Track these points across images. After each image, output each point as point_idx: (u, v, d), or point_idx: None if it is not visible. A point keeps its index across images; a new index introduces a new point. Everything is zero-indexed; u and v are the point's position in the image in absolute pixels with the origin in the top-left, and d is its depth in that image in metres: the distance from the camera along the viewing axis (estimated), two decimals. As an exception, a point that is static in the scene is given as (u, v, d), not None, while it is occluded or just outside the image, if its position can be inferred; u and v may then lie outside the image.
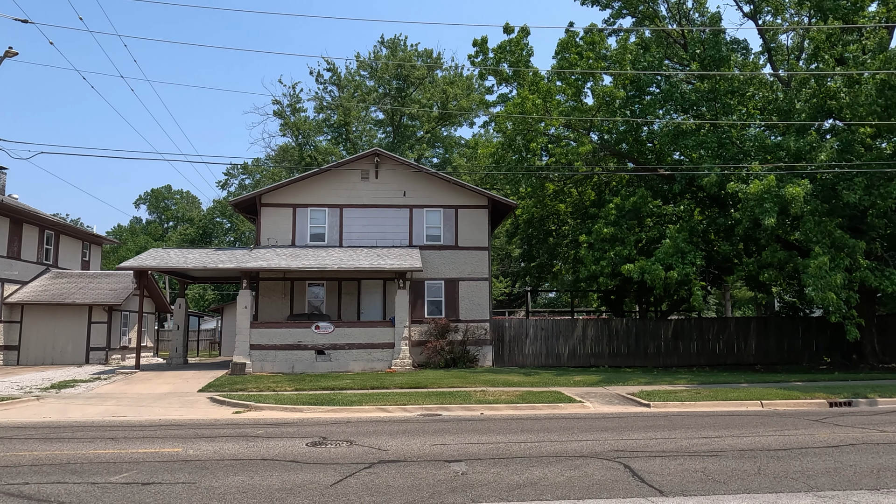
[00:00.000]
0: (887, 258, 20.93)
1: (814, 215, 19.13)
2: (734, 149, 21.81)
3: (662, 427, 11.67)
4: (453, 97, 45.29)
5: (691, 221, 23.34)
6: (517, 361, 26.77)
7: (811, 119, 21.05)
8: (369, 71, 46.39)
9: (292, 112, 46.73)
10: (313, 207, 26.21)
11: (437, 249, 26.27)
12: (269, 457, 9.10)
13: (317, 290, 26.20)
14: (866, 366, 24.19)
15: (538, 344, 27.20)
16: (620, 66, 24.10)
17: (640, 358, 27.50)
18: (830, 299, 17.71)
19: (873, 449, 9.22)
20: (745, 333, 28.35)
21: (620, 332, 27.72)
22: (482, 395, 16.59)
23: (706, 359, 27.74)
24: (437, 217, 26.57)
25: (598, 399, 16.71)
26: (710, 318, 30.15)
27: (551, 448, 9.57)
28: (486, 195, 26.61)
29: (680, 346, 27.86)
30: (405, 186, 26.57)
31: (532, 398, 15.97)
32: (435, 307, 26.00)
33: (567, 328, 27.51)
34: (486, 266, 26.41)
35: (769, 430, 11.11)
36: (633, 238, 23.77)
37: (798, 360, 27.90)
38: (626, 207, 23.86)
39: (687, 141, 22.67)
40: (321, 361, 23.05)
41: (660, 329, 28.00)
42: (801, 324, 28.65)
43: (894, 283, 18.95)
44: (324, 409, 14.93)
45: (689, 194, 25.93)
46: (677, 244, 21.68)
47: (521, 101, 23.29)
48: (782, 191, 18.00)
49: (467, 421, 13.05)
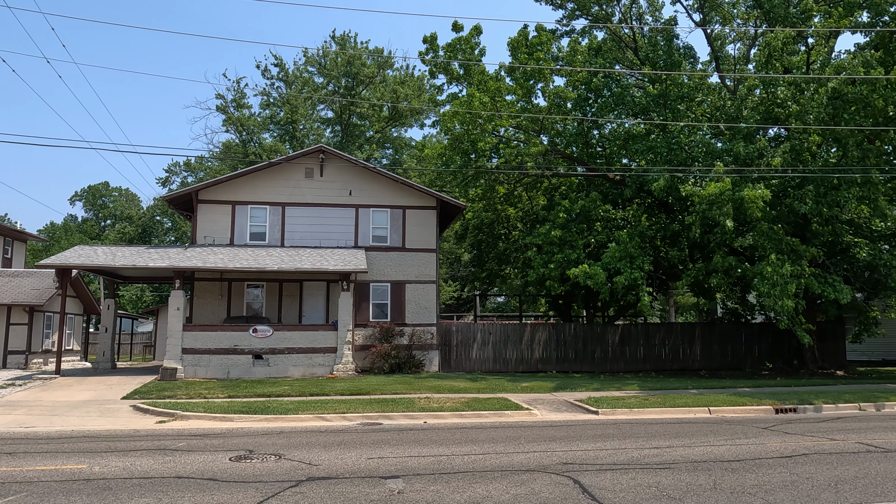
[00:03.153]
0: (829, 265, 21.21)
1: (765, 221, 19.16)
2: (683, 154, 21.79)
3: (612, 436, 11.19)
4: (404, 97, 44.56)
5: (640, 226, 23.22)
6: (464, 367, 26.16)
7: (760, 124, 21.16)
8: (318, 67, 45.21)
9: (236, 108, 45.14)
10: (254, 205, 25.05)
11: (384, 251, 25.47)
12: (186, 474, 8.17)
13: (256, 292, 25.02)
14: (807, 371, 24.52)
15: (486, 349, 26.66)
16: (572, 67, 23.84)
17: (588, 363, 27.28)
18: (786, 306, 17.69)
19: (826, 459, 8.90)
20: (691, 339, 28.48)
21: (569, 338, 27.45)
22: (426, 402, 15.88)
23: (652, 364, 27.73)
24: (383, 217, 25.76)
25: (545, 406, 16.21)
26: (657, 324, 30.23)
27: (496, 461, 8.93)
28: (434, 196, 25.95)
29: (627, 351, 27.76)
30: (351, 185, 25.68)
31: (478, 405, 15.35)
32: (380, 310, 25.16)
33: (515, 333, 27.06)
34: (433, 268, 25.75)
35: (720, 440, 10.75)
36: (581, 242, 23.51)
37: (741, 366, 28.17)
38: (576, 210, 23.58)
39: (637, 145, 22.55)
40: (259, 367, 21.93)
41: (607, 334, 27.85)
42: (744, 330, 28.97)
43: (837, 290, 19.15)
44: (256, 418, 13.96)
45: (639, 199, 25.88)
46: (626, 249, 21.48)
47: (469, 100, 22.75)
48: (739, 193, 17.93)
49: (409, 430, 12.32)
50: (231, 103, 44.86)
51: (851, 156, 18.01)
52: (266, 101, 48.60)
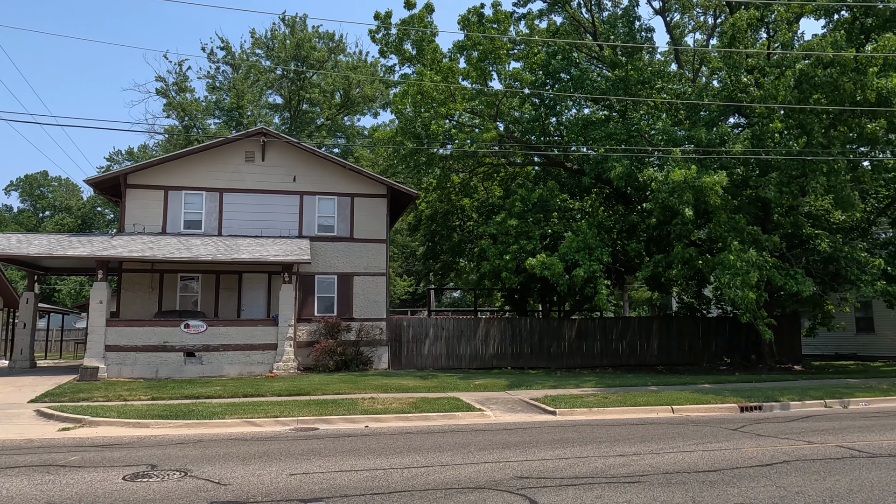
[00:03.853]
0: (790, 257, 20.67)
1: (726, 210, 18.44)
2: (643, 142, 20.94)
3: (572, 442, 10.07)
4: (357, 84, 42.91)
5: (598, 216, 22.32)
6: (416, 364, 24.89)
7: (720, 113, 20.47)
8: (266, 50, 43.12)
9: (178, 91, 42.74)
10: (189, 191, 23.21)
11: (331, 241, 23.96)
12: (59, 499, 6.68)
13: (191, 285, 23.21)
14: (765, 366, 24.05)
15: (439, 345, 25.44)
16: (529, 49, 22.74)
17: (544, 359, 26.32)
18: (748, 297, 16.94)
19: (811, 468, 7.94)
20: (648, 334, 27.83)
21: (524, 333, 26.44)
22: (370, 403, 14.55)
23: (609, 359, 26.96)
24: (330, 205, 24.24)
25: (500, 406, 15.07)
26: (614, 318, 29.52)
27: (441, 476, 7.68)
28: (385, 183, 24.55)
29: (583, 346, 26.92)
30: (296, 171, 24.07)
31: (426, 406, 14.09)
32: (326, 304, 23.66)
33: (469, 328, 25.91)
34: (383, 260, 24.37)
35: (690, 444, 9.74)
36: (538, 232, 22.48)
37: (698, 361, 27.65)
38: (533, 200, 22.52)
39: (595, 132, 21.62)
40: (191, 365, 20.22)
41: (564, 329, 26.95)
42: (701, 324, 28.46)
43: (799, 283, 18.56)
44: (176, 424, 12.42)
45: (597, 189, 25.00)
46: (585, 239, 20.52)
47: (420, 80, 21.43)
48: (699, 181, 17.11)
49: (347, 437, 10.97)
50: (172, 86, 42.44)
51: (817, 142, 17.41)
52: (211, 85, 46.29)
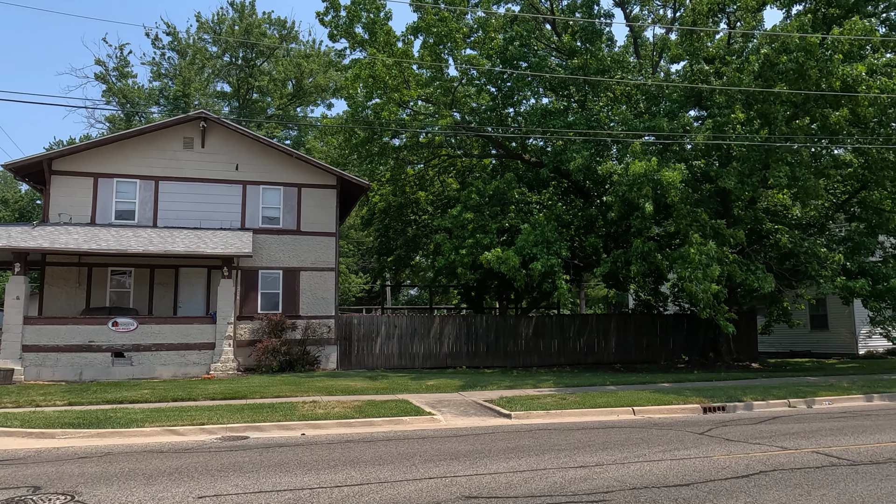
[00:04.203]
0: (750, 252, 20.23)
1: (687, 203, 17.84)
2: (603, 133, 20.23)
3: (528, 450, 9.12)
4: (309, 73, 41.36)
5: (557, 209, 21.52)
6: (367, 363, 23.73)
7: (681, 105, 19.90)
8: (212, 35, 41.18)
9: (119, 77, 40.48)
10: (121, 178, 21.54)
11: (276, 234, 22.59)
12: None
13: (122, 280, 21.56)
14: (723, 364, 23.67)
15: (391, 343, 24.31)
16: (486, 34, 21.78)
17: (500, 358, 25.46)
18: (711, 290, 16.30)
19: (792, 479, 7.15)
20: (606, 331, 27.23)
21: (480, 331, 25.52)
22: (311, 407, 13.36)
23: (567, 358, 26.26)
24: (276, 196, 22.87)
25: (452, 409, 14.06)
26: (571, 316, 28.87)
27: (376, 497, 6.61)
28: (334, 173, 23.28)
29: (541, 344, 26.15)
30: (239, 159, 22.61)
31: (372, 410, 12.99)
32: (271, 301, 22.28)
33: (423, 326, 24.85)
34: (332, 254, 23.11)
35: (656, 451, 8.89)
36: (495, 226, 21.56)
37: (656, 359, 27.20)
38: (489, 192, 21.59)
39: (554, 122, 20.83)
40: (120, 366, 18.66)
41: (521, 327, 26.13)
42: (659, 321, 28.01)
43: (759, 279, 18.08)
44: (87, 434, 11.04)
45: (555, 182, 24.22)
46: (543, 233, 19.69)
47: (372, 63, 20.26)
48: (659, 174, 16.41)
49: (279, 447, 9.80)
50: (113, 72, 40.18)
51: (780, 133, 16.94)
52: (156, 72, 44.11)
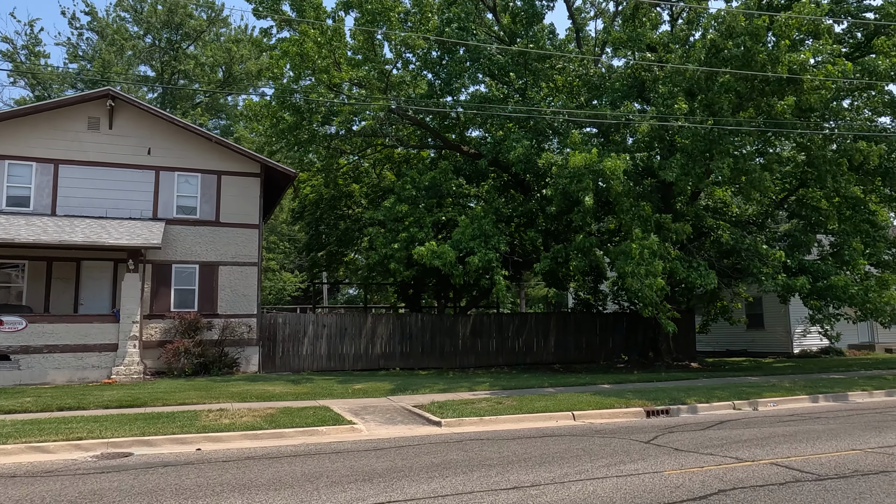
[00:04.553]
0: (692, 249, 19.67)
1: (629, 196, 17.08)
2: (544, 123, 19.29)
3: (455, 467, 7.91)
4: (240, 59, 39.18)
5: (496, 202, 20.48)
6: (293, 365, 22.11)
7: (624, 95, 19.15)
8: (133, 14, 38.45)
9: (29, 56, 37.32)
10: (14, 160, 19.28)
11: (192, 225, 20.73)
12: None
13: (13, 274, 19.30)
14: (662, 364, 23.16)
15: (320, 344, 22.75)
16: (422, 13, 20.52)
17: (436, 358, 24.26)
18: (655, 285, 15.50)
19: (756, 500, 6.15)
20: (545, 331, 26.40)
21: (415, 330, 24.24)
22: (216, 416, 11.80)
23: (505, 358, 25.28)
24: (193, 184, 20.99)
25: (377, 416, 12.74)
26: (510, 315, 27.92)
27: (258, 537, 5.25)
28: (258, 160, 21.57)
29: (478, 344, 25.08)
30: (151, 142, 20.65)
31: (285, 420, 11.53)
32: (185, 298, 20.40)
33: (355, 325, 23.39)
34: (255, 248, 21.40)
35: (600, 465, 7.82)
36: (430, 219, 20.33)
37: (595, 359, 26.56)
38: (424, 183, 20.35)
39: (494, 109, 19.77)
40: (5, 371, 16.53)
41: (458, 326, 24.99)
42: (598, 320, 27.38)
43: (702, 276, 17.47)
44: (-70, 454, 9.22)
45: (494, 174, 23.18)
46: (481, 226, 18.60)
47: (301, 40, 18.71)
48: (601, 165, 15.54)
49: (162, 467, 8.27)
50: (21, 49, 37.00)
51: (725, 123, 16.35)
52: (73, 53, 41.01)
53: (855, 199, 20.10)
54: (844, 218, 20.23)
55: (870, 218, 20.46)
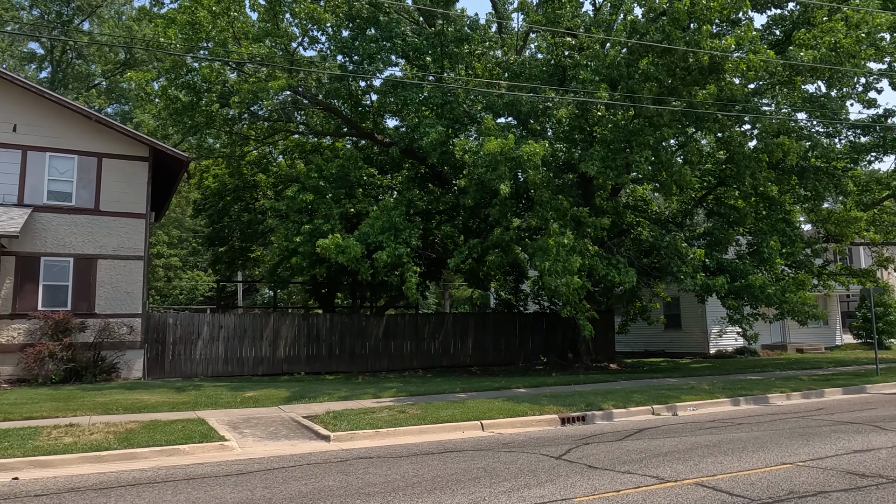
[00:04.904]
0: (612, 246, 18.92)
1: (548, 189, 16.08)
2: (460, 109, 18.08)
3: (327, 497, 6.46)
4: (142, 39, 36.17)
5: (409, 194, 19.11)
6: (185, 370, 20.01)
7: (545, 82, 18.19)
8: (17, -16, 34.90)
9: None
10: None
11: (67, 213, 18.35)
12: None
13: None
14: (581, 365, 22.39)
15: (215, 347, 20.72)
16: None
17: (346, 362, 22.63)
18: (573, 283, 14.51)
19: (681, 537, 5.01)
20: (463, 332, 25.21)
21: (323, 332, 22.52)
22: (61, 434, 9.89)
23: (420, 361, 23.94)
24: (68, 167, 18.58)
25: (259, 430, 11.11)
26: (426, 315, 26.61)
27: None
28: (146, 142, 19.38)
29: (392, 346, 23.62)
30: (18, 118, 18.13)
31: (143, 436, 9.75)
32: (58, 296, 17.99)
33: (255, 327, 21.47)
34: (141, 240, 19.19)
35: (500, 490, 6.55)
36: (338, 211, 18.73)
37: (514, 360, 25.61)
38: (331, 171, 18.74)
39: (407, 93, 18.40)
40: None
41: (371, 327, 23.43)
42: (518, 321, 26.43)
43: (622, 273, 16.67)
44: None
45: (409, 165, 21.79)
46: (391, 218, 17.19)
47: (193, 7, 16.76)
48: (518, 151, 14.43)
49: (-54, 507, 6.43)
50: None
51: (646, 114, 15.59)
52: (-50, 26, 36.85)
53: (771, 199, 19.92)
54: (762, 217, 20.02)
55: (786, 217, 20.34)
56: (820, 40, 15.06)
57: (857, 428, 10.18)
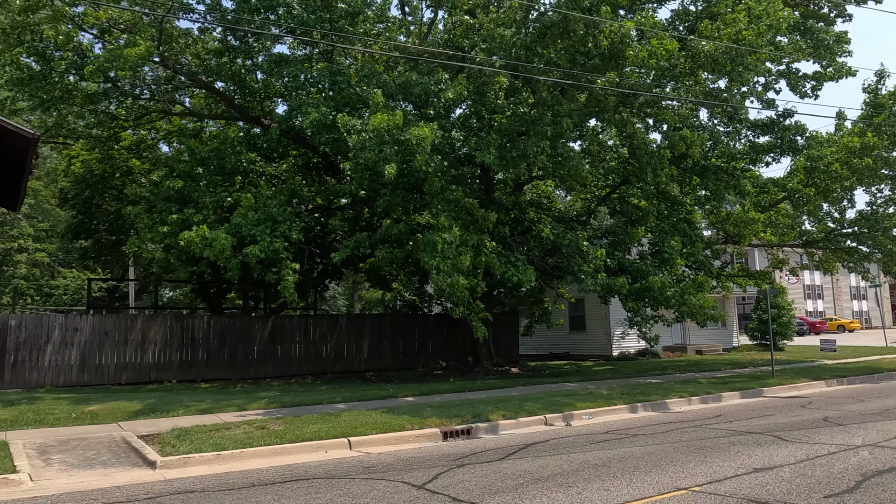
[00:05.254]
0: (512, 244, 17.84)
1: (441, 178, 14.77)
2: (350, 92, 16.50)
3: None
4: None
5: (293, 182, 17.34)
6: (29, 380, 17.40)
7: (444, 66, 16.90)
8: None
9: None
10: None
11: None
12: None
13: None
14: (482, 370, 21.25)
15: (69, 352, 18.18)
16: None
17: (226, 368, 20.50)
18: (458, 284, 13.21)
19: None
20: (359, 335, 23.55)
21: (199, 335, 20.30)
22: None
23: (310, 366, 22.10)
24: None
25: (75, 454, 9.14)
26: (318, 317, 24.72)
27: None
28: (-18, 116, 16.65)
29: (279, 350, 21.65)
30: None
31: None
32: None
33: (119, 329, 19.02)
34: (-26, 229, 16.46)
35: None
36: (211, 200, 16.70)
37: (414, 365, 24.22)
38: (204, 154, 16.70)
39: (291, 69, 16.64)
40: None
41: (255, 329, 21.38)
42: (419, 323, 25.01)
43: (520, 272, 15.56)
44: None
45: (296, 152, 19.95)
46: (268, 209, 15.38)
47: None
48: (406, 134, 13.02)
49: None
50: None
51: (543, 100, 14.58)
52: None
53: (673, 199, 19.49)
54: (664, 216, 19.54)
55: (687, 217, 19.97)
56: (722, 31, 14.54)
57: (757, 439, 9.37)
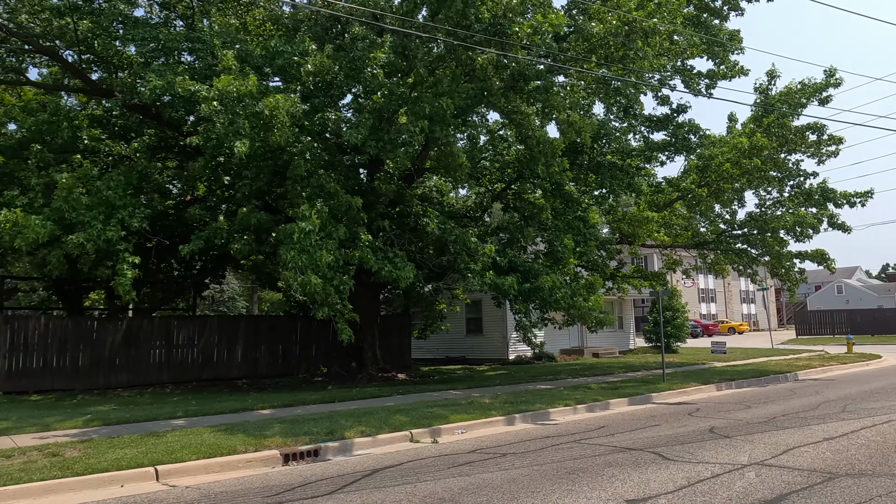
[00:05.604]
0: (393, 238, 16.29)
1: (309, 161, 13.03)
2: (209, 56, 14.46)
3: None
4: None
5: (141, 164, 15.08)
6: None
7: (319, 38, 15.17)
8: None
9: None
10: None
11: None
12: None
13: None
14: (365, 376, 19.58)
15: None
16: None
17: (66, 377, 17.85)
18: (311, 283, 11.52)
19: None
20: (232, 338, 21.33)
21: (34, 339, 17.54)
22: None
23: (174, 373, 19.73)
24: None
25: None
26: (184, 318, 22.23)
27: None
28: None
29: (136, 355, 19.14)
30: None
31: None
32: None
33: (-72, 331, 16.10)
34: None
35: None
36: (39, 181, 14.19)
37: (295, 371, 22.27)
38: (29, 126, 14.20)
39: (139, 31, 14.42)
40: None
41: (105, 332, 18.80)
42: (301, 325, 22.99)
43: (398, 268, 14.03)
44: None
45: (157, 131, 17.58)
46: (103, 193, 13.12)
47: None
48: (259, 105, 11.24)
49: None
50: None
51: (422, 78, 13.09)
52: None
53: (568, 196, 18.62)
54: (558, 213, 18.61)
55: (582, 215, 19.12)
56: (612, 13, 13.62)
57: (636, 458, 8.23)
